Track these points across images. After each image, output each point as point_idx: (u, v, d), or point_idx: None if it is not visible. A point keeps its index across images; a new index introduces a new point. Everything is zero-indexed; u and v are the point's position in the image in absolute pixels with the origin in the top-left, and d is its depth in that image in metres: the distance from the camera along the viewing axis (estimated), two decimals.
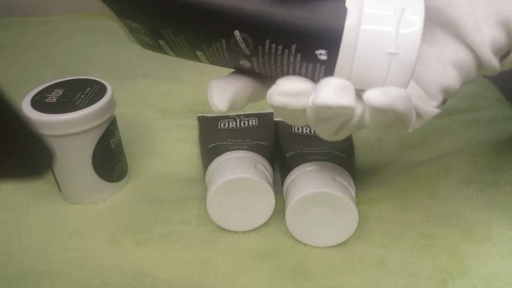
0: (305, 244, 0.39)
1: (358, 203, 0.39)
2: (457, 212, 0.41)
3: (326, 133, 0.28)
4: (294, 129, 0.47)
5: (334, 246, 0.39)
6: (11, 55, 0.76)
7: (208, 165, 0.43)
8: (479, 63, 0.28)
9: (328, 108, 0.24)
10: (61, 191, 0.44)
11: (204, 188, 0.45)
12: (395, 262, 0.37)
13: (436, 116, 0.30)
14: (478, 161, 0.46)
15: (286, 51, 0.26)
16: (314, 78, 0.27)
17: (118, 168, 0.44)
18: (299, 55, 0.26)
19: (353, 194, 0.39)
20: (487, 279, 0.35)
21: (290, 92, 0.26)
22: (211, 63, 0.30)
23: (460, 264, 0.37)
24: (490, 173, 0.45)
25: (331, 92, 0.24)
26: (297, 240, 0.39)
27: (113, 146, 0.43)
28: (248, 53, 0.27)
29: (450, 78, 0.29)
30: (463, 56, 0.28)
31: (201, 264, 0.38)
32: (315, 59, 0.26)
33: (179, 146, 0.52)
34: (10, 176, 0.19)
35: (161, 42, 0.28)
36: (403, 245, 0.39)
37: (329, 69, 0.26)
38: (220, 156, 0.42)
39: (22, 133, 0.17)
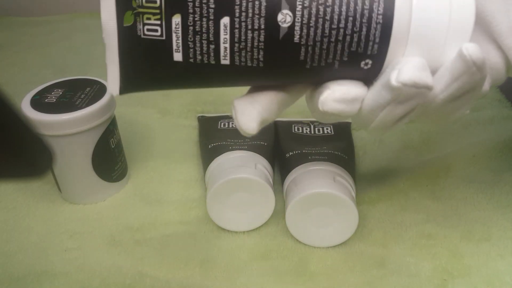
0: (305, 244, 0.39)
1: (358, 203, 0.39)
2: (457, 212, 0.41)
3: (389, 121, 0.26)
4: (294, 129, 0.47)
5: (334, 246, 0.39)
6: (10, 55, 0.76)
7: (208, 165, 0.42)
8: (509, 65, 0.27)
9: (415, 85, 0.23)
10: (60, 191, 0.44)
11: (204, 188, 0.45)
12: (395, 262, 0.37)
13: None
14: (478, 161, 0.46)
15: None
16: (370, 35, 0.24)
17: (117, 168, 0.44)
18: None
19: (353, 194, 0.39)
20: (487, 279, 0.35)
21: (346, 99, 0.25)
22: (231, 45, 0.25)
23: (460, 264, 0.37)
24: (490, 173, 0.45)
25: (416, 69, 0.23)
26: (297, 240, 0.39)
27: (112, 146, 0.43)
28: None
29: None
30: (494, 58, 0.27)
31: (201, 264, 0.38)
32: None
33: (179, 146, 0.52)
34: (10, 176, 0.19)
35: (176, 19, 0.25)
36: (403, 245, 0.39)
37: (386, 24, 0.24)
38: (220, 156, 0.42)
39: (23, 133, 0.17)
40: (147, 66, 0.26)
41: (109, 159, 0.43)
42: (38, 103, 0.40)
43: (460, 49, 0.24)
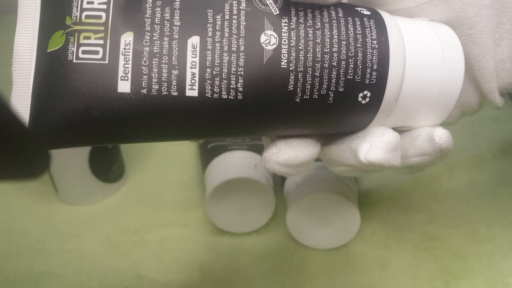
0: (306, 246, 0.39)
1: (360, 204, 0.38)
2: (460, 213, 0.41)
3: (346, 175, 0.27)
4: None
5: (335, 248, 0.38)
6: (8, 54, 0.75)
7: (207, 166, 0.42)
8: (483, 103, 0.28)
9: (381, 166, 0.23)
10: (57, 192, 0.44)
11: (203, 189, 0.44)
12: (398, 264, 0.37)
13: None
14: (481, 162, 0.46)
15: None
16: (367, 61, 0.21)
17: (115, 168, 0.44)
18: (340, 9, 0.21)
19: (355, 195, 0.38)
20: (490, 280, 0.35)
21: (291, 165, 0.24)
22: (202, 71, 0.19)
23: (463, 266, 0.36)
24: (494, 174, 0.45)
25: (387, 150, 0.23)
26: (298, 242, 0.39)
27: (110, 147, 0.43)
28: (277, 10, 0.20)
29: (451, 116, 0.28)
30: (470, 97, 0.27)
31: (200, 266, 0.37)
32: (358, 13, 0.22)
33: (177, 146, 0.52)
34: (7, 177, 0.18)
35: (126, 38, 0.19)
36: (405, 247, 0.38)
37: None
38: (219, 156, 0.41)
39: (20, 133, 0.17)
40: (76, 104, 0.19)
41: (106, 159, 0.43)
42: None
43: (433, 134, 0.24)
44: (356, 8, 0.22)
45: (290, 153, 0.23)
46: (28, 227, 0.41)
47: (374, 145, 0.23)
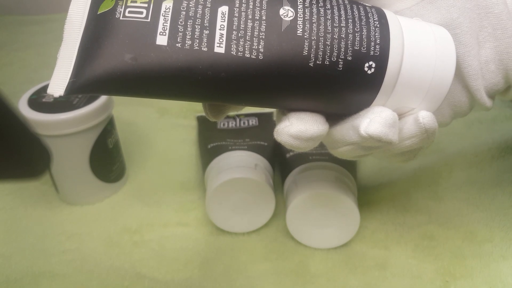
0: (305, 246, 0.39)
1: (359, 204, 0.39)
2: (459, 213, 0.41)
3: (349, 156, 0.28)
4: None
5: (335, 248, 0.38)
6: (8, 54, 0.75)
7: (207, 166, 0.42)
8: (473, 104, 0.29)
9: (379, 139, 0.24)
10: (58, 191, 0.44)
11: (203, 189, 0.44)
12: (397, 264, 0.37)
13: None
14: (480, 162, 0.46)
15: None
16: (370, 36, 0.24)
17: (115, 168, 0.44)
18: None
19: (355, 194, 0.39)
20: (489, 280, 0.35)
21: (302, 137, 0.25)
22: (229, 32, 0.22)
23: (463, 266, 0.36)
24: (493, 174, 0.45)
25: (386, 125, 0.24)
26: (297, 241, 0.39)
27: (110, 146, 0.42)
28: None
29: (443, 116, 0.29)
30: (459, 97, 0.28)
31: (200, 265, 0.37)
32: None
33: (178, 146, 0.52)
34: (8, 177, 0.18)
35: (167, 3, 0.22)
36: (405, 247, 0.38)
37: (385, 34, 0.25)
38: (220, 156, 0.42)
39: (21, 133, 0.17)
40: (118, 51, 0.22)
41: (107, 159, 0.43)
42: (36, 102, 0.40)
43: (417, 115, 0.25)
44: (358, 1, 0.25)
45: (302, 126, 0.25)
46: (28, 227, 0.41)
47: (374, 120, 0.24)
